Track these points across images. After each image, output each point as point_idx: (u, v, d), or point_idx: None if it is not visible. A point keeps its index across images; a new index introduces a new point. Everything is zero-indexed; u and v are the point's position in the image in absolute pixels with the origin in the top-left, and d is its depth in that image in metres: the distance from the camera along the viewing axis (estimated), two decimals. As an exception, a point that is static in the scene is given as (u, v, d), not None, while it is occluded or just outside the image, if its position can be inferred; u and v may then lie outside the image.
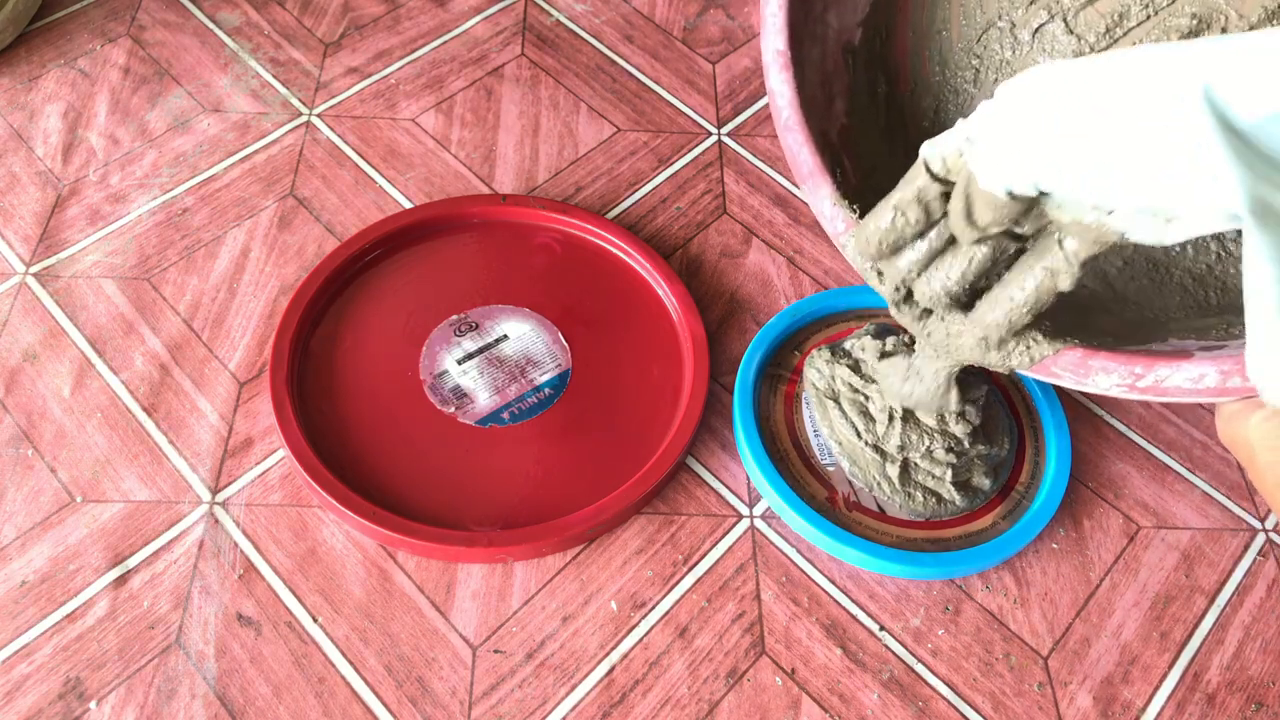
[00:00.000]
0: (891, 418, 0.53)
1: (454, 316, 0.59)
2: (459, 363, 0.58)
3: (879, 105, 0.56)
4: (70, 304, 0.60)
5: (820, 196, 0.48)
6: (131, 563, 0.51)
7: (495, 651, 0.49)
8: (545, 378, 0.58)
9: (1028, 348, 0.42)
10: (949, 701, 0.49)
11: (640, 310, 0.61)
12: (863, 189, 0.49)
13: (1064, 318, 0.45)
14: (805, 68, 0.49)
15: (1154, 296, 0.51)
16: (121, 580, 0.50)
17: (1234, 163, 0.30)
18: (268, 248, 0.63)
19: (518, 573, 0.52)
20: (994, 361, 0.43)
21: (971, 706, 0.49)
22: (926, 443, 0.53)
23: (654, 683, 0.49)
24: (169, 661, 0.48)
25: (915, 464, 0.53)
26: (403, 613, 0.50)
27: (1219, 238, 0.51)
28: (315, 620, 0.50)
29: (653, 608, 0.51)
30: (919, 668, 0.50)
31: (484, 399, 0.56)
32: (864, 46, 0.55)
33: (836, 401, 0.55)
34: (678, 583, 0.52)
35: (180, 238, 0.64)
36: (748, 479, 0.55)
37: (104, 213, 0.65)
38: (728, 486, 0.55)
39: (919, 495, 0.53)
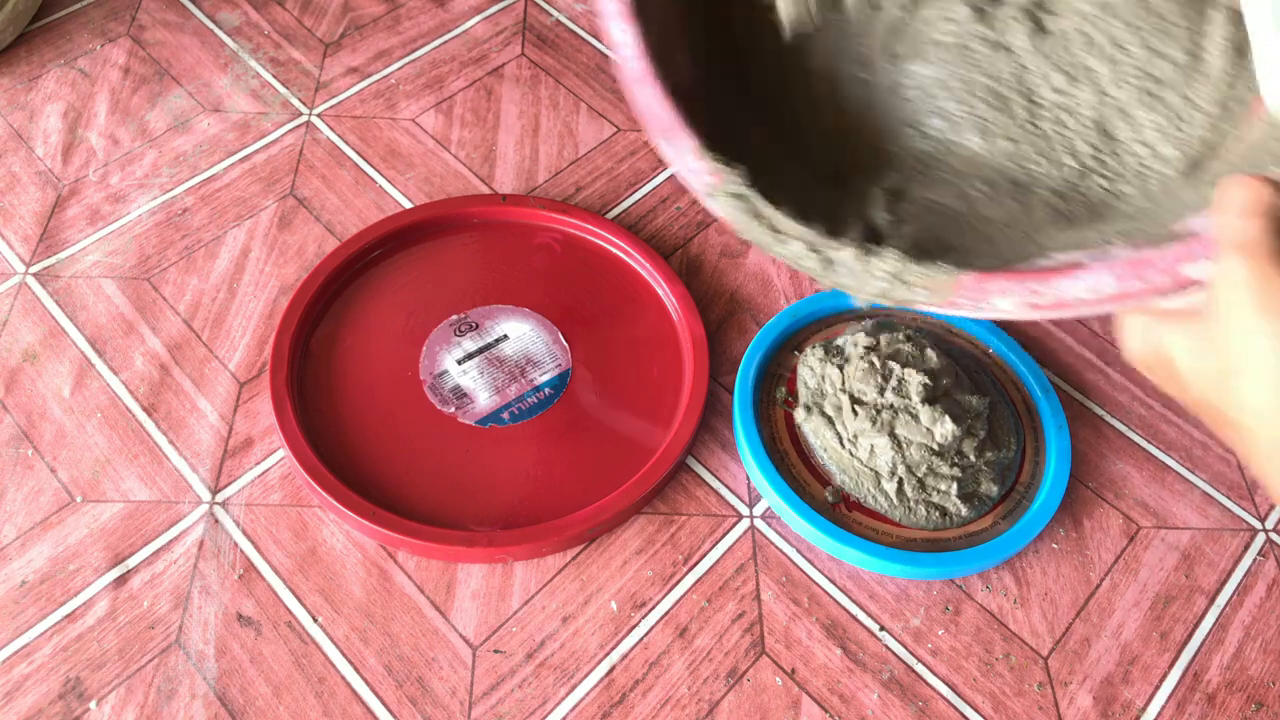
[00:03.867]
0: (880, 431, 0.53)
1: (454, 316, 0.59)
2: (459, 363, 0.58)
3: (724, 55, 0.54)
4: (70, 304, 0.60)
5: (681, 151, 0.46)
6: (131, 563, 0.51)
7: (495, 651, 0.49)
8: (545, 378, 0.58)
9: (931, 275, 0.42)
10: (949, 701, 0.49)
11: (640, 310, 0.61)
12: (721, 139, 0.48)
13: (944, 254, 0.45)
14: (647, 20, 0.47)
15: (1023, 217, 0.50)
16: (121, 580, 0.50)
17: None
18: (268, 248, 0.63)
19: (518, 573, 0.52)
20: (901, 296, 0.43)
21: (971, 706, 0.49)
22: (926, 464, 0.53)
23: (654, 683, 0.49)
24: (169, 661, 0.48)
25: (916, 481, 0.53)
26: (403, 613, 0.50)
27: (1074, 152, 0.51)
28: (315, 620, 0.50)
29: (653, 608, 0.51)
30: (919, 668, 0.50)
31: (484, 399, 0.56)
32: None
33: (821, 411, 0.55)
34: (678, 583, 0.52)
35: (180, 238, 0.64)
36: (748, 479, 0.55)
37: (104, 213, 0.65)
38: (728, 486, 0.55)
39: (921, 509, 0.53)
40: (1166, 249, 0.37)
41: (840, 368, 0.56)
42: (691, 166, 0.46)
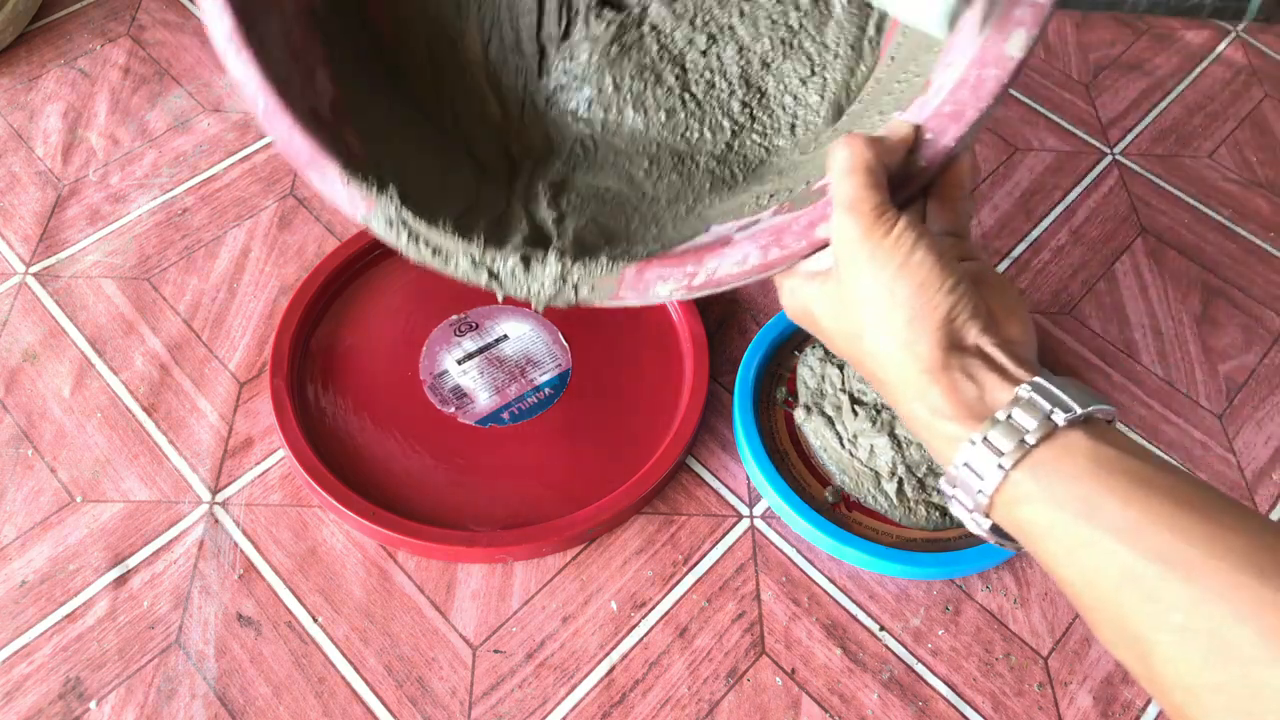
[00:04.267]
0: (880, 431, 0.53)
1: (454, 316, 0.59)
2: (459, 363, 0.58)
3: (369, 64, 0.51)
4: (70, 304, 0.60)
5: (329, 179, 0.44)
6: (131, 563, 0.51)
7: (495, 651, 0.49)
8: (545, 378, 0.58)
9: (592, 275, 0.43)
10: (949, 701, 0.49)
11: (640, 310, 0.61)
12: (377, 157, 0.46)
13: (610, 244, 0.45)
14: (268, 44, 0.44)
15: (686, 189, 0.50)
16: (121, 580, 0.50)
17: None
18: (268, 248, 0.63)
19: (518, 573, 0.52)
20: (570, 299, 0.43)
21: (971, 706, 0.49)
22: (926, 464, 0.53)
23: (654, 683, 0.49)
24: (169, 661, 0.48)
25: (917, 481, 0.53)
26: (403, 613, 0.50)
27: (728, 113, 0.51)
28: (315, 620, 0.49)
29: (653, 608, 0.51)
30: (919, 668, 0.50)
31: (484, 399, 0.56)
32: (331, 9, 0.49)
33: (821, 411, 0.55)
34: (678, 583, 0.52)
35: (180, 238, 0.64)
36: (748, 479, 0.55)
37: (104, 213, 0.65)
38: (728, 486, 0.55)
39: (921, 509, 0.53)
40: (801, 213, 0.39)
41: (840, 367, 0.56)
42: (340, 194, 0.44)
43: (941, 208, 0.39)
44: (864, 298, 0.35)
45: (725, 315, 0.62)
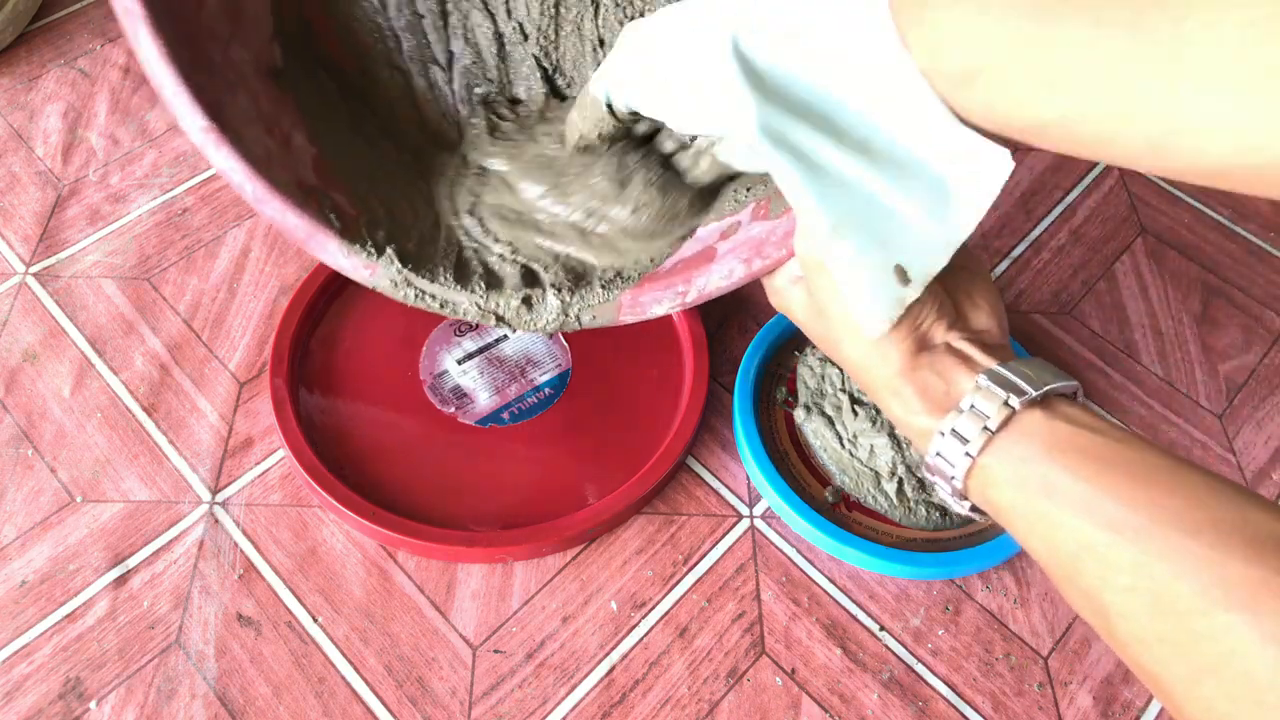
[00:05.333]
0: (880, 431, 0.53)
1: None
2: (459, 363, 0.58)
3: (337, 106, 0.51)
4: (70, 304, 0.60)
5: (330, 253, 0.44)
6: (131, 563, 0.51)
7: (495, 651, 0.49)
8: (545, 378, 0.58)
9: (591, 306, 0.46)
10: (949, 701, 0.49)
11: (640, 310, 0.61)
12: (368, 207, 0.47)
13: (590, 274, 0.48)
14: (242, 126, 0.43)
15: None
16: (121, 580, 0.50)
17: (749, 97, 0.36)
18: (268, 248, 0.63)
19: (518, 573, 0.52)
20: (574, 328, 0.46)
21: (971, 706, 0.49)
22: None
23: (654, 683, 0.49)
24: (169, 661, 0.48)
25: (917, 481, 0.53)
26: (403, 613, 0.50)
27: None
28: (315, 620, 0.50)
29: (653, 608, 0.51)
30: (919, 668, 0.50)
31: (484, 399, 0.56)
32: (290, 58, 0.49)
33: (821, 411, 0.55)
34: (678, 583, 0.52)
35: (180, 238, 0.64)
36: (748, 479, 0.55)
37: (104, 213, 0.65)
38: (728, 486, 0.55)
39: (922, 510, 0.53)
40: (778, 223, 0.41)
41: (840, 367, 0.56)
42: (344, 265, 0.45)
43: None
44: (834, 312, 0.38)
45: (725, 315, 0.62)
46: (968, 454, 0.34)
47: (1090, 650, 0.51)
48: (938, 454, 0.35)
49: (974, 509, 0.37)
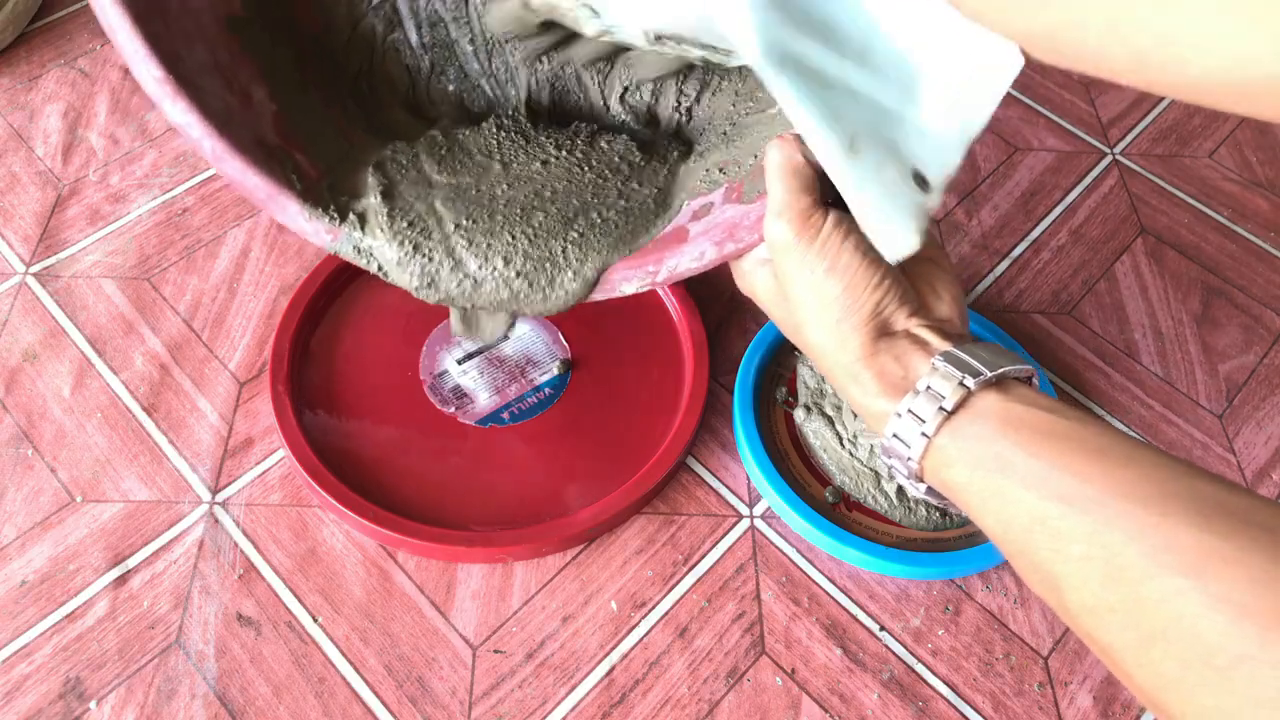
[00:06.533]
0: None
1: (454, 316, 0.59)
2: (459, 363, 0.58)
3: (297, 64, 0.49)
4: (70, 304, 0.60)
5: (291, 215, 0.43)
6: (131, 563, 0.51)
7: (495, 651, 0.49)
8: (545, 378, 0.57)
9: (574, 275, 0.45)
10: (949, 701, 0.49)
11: (640, 310, 0.61)
12: (331, 168, 0.45)
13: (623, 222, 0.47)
14: (200, 78, 0.42)
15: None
16: (121, 580, 0.50)
17: (755, 11, 0.35)
18: (268, 248, 0.63)
19: (518, 573, 0.52)
20: (556, 302, 0.45)
21: (971, 706, 0.49)
22: None
23: (654, 683, 0.49)
24: (169, 661, 0.48)
25: None
26: (403, 613, 0.50)
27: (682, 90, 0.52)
28: (315, 620, 0.50)
29: (653, 608, 0.51)
30: (919, 668, 0.50)
31: (484, 399, 0.56)
32: (250, 7, 0.47)
33: (821, 411, 0.55)
34: (678, 583, 0.52)
35: (180, 238, 0.64)
36: (748, 479, 0.55)
37: (104, 213, 0.65)
38: (728, 486, 0.55)
39: (921, 509, 0.53)
40: (751, 208, 0.40)
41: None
42: (305, 228, 0.44)
43: None
44: (798, 297, 0.38)
45: (725, 315, 0.62)
46: (923, 434, 0.35)
47: (1090, 650, 0.51)
48: (894, 435, 0.36)
49: (930, 491, 0.37)
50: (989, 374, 0.34)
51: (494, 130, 0.50)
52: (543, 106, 0.54)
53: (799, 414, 0.55)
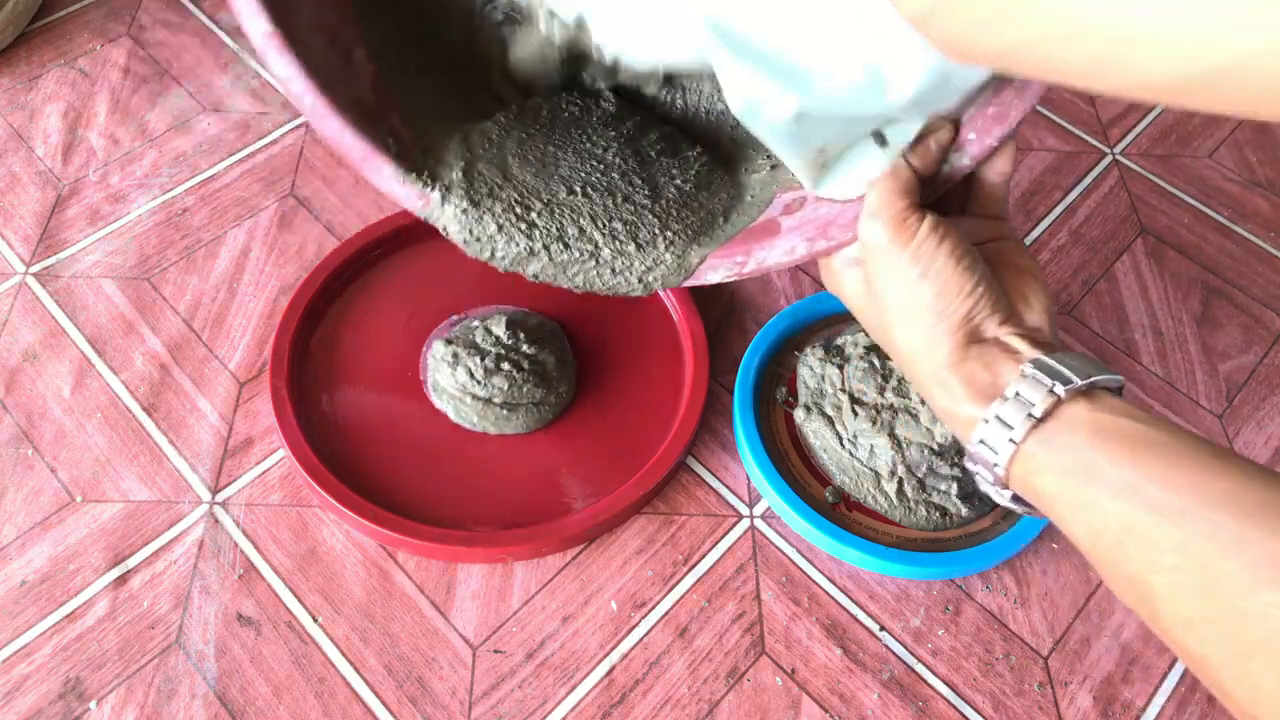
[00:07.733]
0: (880, 431, 0.53)
1: (454, 316, 0.59)
2: (459, 363, 0.58)
3: (396, 30, 0.49)
4: (70, 304, 0.60)
5: (385, 178, 0.43)
6: (131, 563, 0.51)
7: (495, 651, 0.49)
8: (545, 378, 0.57)
9: (679, 258, 0.44)
10: (949, 701, 0.49)
11: (640, 310, 0.61)
12: (425, 130, 0.45)
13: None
14: (304, 36, 0.42)
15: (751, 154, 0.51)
16: (121, 580, 0.50)
17: (731, 64, 0.37)
18: (268, 248, 0.63)
19: (518, 573, 0.52)
20: (660, 276, 0.45)
21: (971, 706, 0.49)
22: (926, 463, 0.52)
23: (654, 683, 0.49)
24: (169, 661, 0.48)
25: (917, 481, 0.53)
26: (403, 613, 0.50)
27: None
28: (315, 620, 0.49)
29: (653, 608, 0.51)
30: (919, 668, 0.50)
31: (484, 399, 0.56)
32: None
33: (821, 411, 0.55)
34: (678, 583, 0.52)
35: (180, 238, 0.64)
36: (748, 479, 0.55)
37: (104, 213, 0.65)
38: (728, 486, 0.55)
39: (922, 510, 0.53)
40: (847, 206, 0.40)
41: (840, 367, 0.56)
42: (398, 192, 0.44)
43: (983, 193, 0.42)
44: (889, 300, 0.38)
45: (725, 315, 0.62)
46: (1011, 440, 0.34)
47: (1090, 650, 0.51)
48: (981, 441, 0.35)
49: (1015, 499, 0.37)
50: (1080, 382, 0.34)
51: (577, 108, 0.50)
52: (626, 88, 0.53)
53: (799, 414, 0.55)
